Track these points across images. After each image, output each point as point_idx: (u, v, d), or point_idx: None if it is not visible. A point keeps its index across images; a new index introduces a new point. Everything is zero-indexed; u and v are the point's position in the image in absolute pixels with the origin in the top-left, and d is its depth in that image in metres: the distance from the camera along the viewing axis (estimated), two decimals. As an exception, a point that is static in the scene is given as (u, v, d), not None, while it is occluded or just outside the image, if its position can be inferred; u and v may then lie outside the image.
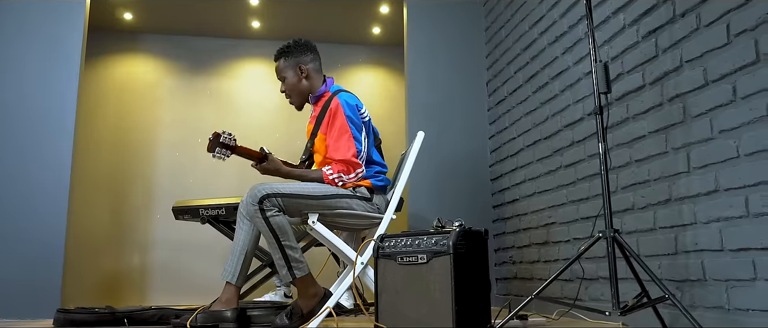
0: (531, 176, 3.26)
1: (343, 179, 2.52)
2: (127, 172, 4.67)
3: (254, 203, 2.35)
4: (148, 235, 4.61)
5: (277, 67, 2.76)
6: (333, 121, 2.58)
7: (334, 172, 2.51)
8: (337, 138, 2.54)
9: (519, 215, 3.40)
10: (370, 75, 5.12)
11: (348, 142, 2.53)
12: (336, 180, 2.50)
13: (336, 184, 2.51)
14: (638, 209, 2.31)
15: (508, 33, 3.61)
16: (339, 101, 2.60)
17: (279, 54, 2.76)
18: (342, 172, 2.51)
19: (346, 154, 2.52)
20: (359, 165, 2.54)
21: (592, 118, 2.66)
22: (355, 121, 2.58)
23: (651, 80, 2.25)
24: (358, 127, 2.59)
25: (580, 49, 2.79)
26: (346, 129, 2.54)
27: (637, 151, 2.32)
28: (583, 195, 2.72)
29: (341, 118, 2.56)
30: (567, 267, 1.89)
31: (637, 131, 2.33)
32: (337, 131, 2.55)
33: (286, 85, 2.74)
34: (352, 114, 2.59)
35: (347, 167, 2.52)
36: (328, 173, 2.51)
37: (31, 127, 3.34)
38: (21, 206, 3.24)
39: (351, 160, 2.51)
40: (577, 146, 2.78)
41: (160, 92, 4.81)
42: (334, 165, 2.53)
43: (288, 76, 2.72)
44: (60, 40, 3.46)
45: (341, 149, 2.53)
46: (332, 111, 2.59)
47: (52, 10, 3.48)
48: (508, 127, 3.57)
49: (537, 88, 3.21)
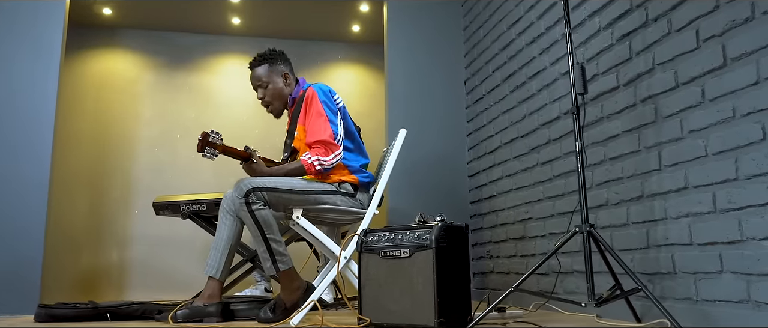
0: (508, 173, 3.34)
1: (321, 162, 2.54)
2: (107, 167, 4.66)
3: (241, 197, 2.39)
4: (127, 230, 4.61)
5: (258, 74, 2.76)
6: (309, 108, 2.63)
7: (312, 155, 2.55)
8: (314, 122, 2.61)
9: (496, 210, 3.48)
10: (350, 72, 5.17)
11: (324, 125, 2.58)
12: (315, 164, 2.54)
13: (315, 167, 2.54)
14: (612, 205, 2.40)
15: (487, 33, 3.69)
16: (313, 89, 2.67)
17: (261, 61, 2.78)
18: (320, 154, 2.55)
19: (322, 135, 2.56)
20: (337, 146, 2.59)
21: (568, 117, 2.75)
22: (329, 106, 2.64)
23: (625, 81, 2.34)
24: (333, 111, 2.65)
25: (556, 50, 2.87)
26: (321, 113, 2.60)
27: (611, 149, 2.42)
28: (559, 192, 2.81)
29: (316, 104, 2.62)
30: (545, 261, 1.97)
31: (611, 130, 2.42)
32: (313, 116, 2.62)
33: (269, 92, 2.75)
34: (326, 99, 2.65)
35: (325, 149, 2.56)
36: (307, 158, 2.55)
37: (10, 123, 3.33)
38: (0, 202, 3.23)
39: (327, 141, 2.56)
40: (554, 144, 2.87)
41: (139, 88, 4.80)
42: (311, 149, 2.58)
43: (274, 82, 2.75)
44: (40, 36, 3.44)
45: (318, 131, 2.58)
46: (308, 100, 2.65)
47: (31, 6, 3.46)
48: (486, 125, 3.65)
49: (514, 87, 3.29)
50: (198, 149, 2.48)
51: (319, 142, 2.55)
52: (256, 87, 2.78)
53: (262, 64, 2.77)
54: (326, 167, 2.55)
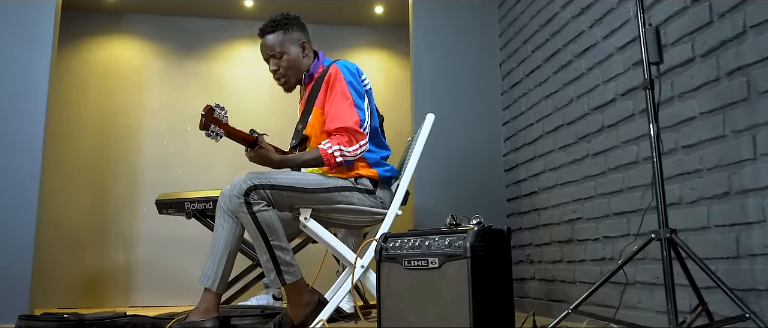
0: (552, 166, 2.92)
1: (343, 151, 2.16)
2: (111, 162, 4.35)
3: (240, 196, 2.02)
4: (133, 229, 4.29)
5: (271, 41, 2.36)
6: (332, 89, 2.24)
7: (334, 144, 2.16)
8: (337, 105, 2.21)
9: (537, 209, 3.06)
10: (373, 58, 4.78)
11: (350, 109, 2.19)
12: (336, 154, 2.15)
13: (335, 158, 2.15)
14: (687, 204, 1.96)
15: (525, 9, 3.26)
16: (337, 67, 2.27)
17: (275, 26, 2.38)
18: (342, 143, 2.16)
19: (346, 121, 2.17)
20: (363, 135, 2.20)
21: (626, 99, 2.32)
22: (356, 88, 2.25)
23: (703, 51, 1.90)
24: (359, 94, 2.25)
25: (611, 20, 2.44)
26: (347, 95, 2.21)
27: (684, 135, 1.98)
28: (616, 187, 2.38)
29: (341, 84, 2.23)
30: (613, 274, 1.56)
31: (684, 112, 1.98)
32: (336, 98, 2.22)
33: (286, 61, 2.35)
34: (353, 80, 2.26)
35: (349, 138, 2.17)
36: (327, 147, 2.16)
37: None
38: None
39: (353, 129, 2.17)
40: (608, 132, 2.44)
41: (145, 76, 4.48)
42: (332, 138, 2.19)
43: (289, 52, 2.35)
44: (31, 23, 3.14)
45: (342, 116, 2.19)
46: (331, 78, 2.26)
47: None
48: (525, 112, 3.22)
49: (558, 67, 2.86)
50: (201, 126, 2.07)
51: (342, 129, 2.16)
52: (268, 57, 2.38)
53: (275, 30, 2.37)
54: (349, 158, 2.16)
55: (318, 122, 2.26)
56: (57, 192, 4.16)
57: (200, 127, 2.01)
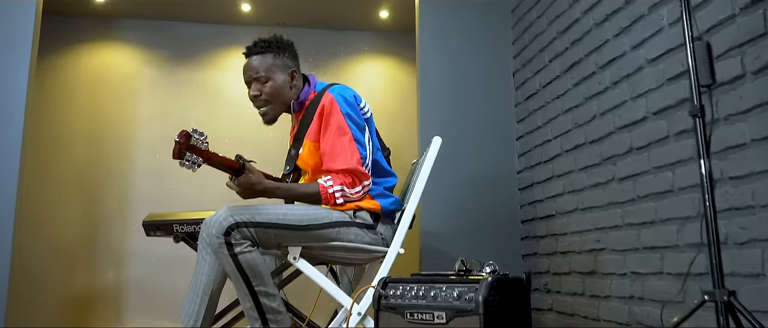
0: (572, 188, 2.64)
1: (346, 193, 1.90)
2: (102, 174, 4.10)
3: (219, 235, 1.76)
4: (125, 247, 4.04)
5: (256, 63, 2.07)
6: (327, 122, 1.96)
7: (336, 183, 1.90)
8: (335, 142, 1.93)
9: (555, 234, 2.79)
10: (378, 65, 4.51)
11: (350, 147, 1.92)
12: (337, 195, 1.89)
13: (336, 199, 1.89)
14: (736, 245, 1.69)
15: (541, 13, 2.99)
16: (332, 96, 1.98)
17: (265, 47, 2.10)
18: (346, 184, 1.90)
19: (349, 161, 1.90)
20: (367, 176, 1.94)
21: (658, 119, 2.05)
22: (355, 119, 1.97)
23: (756, 68, 1.62)
24: (359, 126, 1.97)
25: (640, 28, 2.16)
26: (345, 130, 1.93)
27: (733, 164, 1.71)
28: (646, 218, 2.10)
29: (337, 117, 1.94)
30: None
31: (733, 137, 1.71)
32: (333, 134, 1.94)
33: (270, 87, 2.07)
34: (350, 110, 1.97)
35: (353, 179, 1.91)
36: (328, 185, 1.90)
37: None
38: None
39: (356, 170, 1.91)
40: (638, 154, 2.17)
41: (138, 84, 4.23)
42: (334, 176, 1.92)
43: (275, 78, 2.07)
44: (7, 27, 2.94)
45: (342, 156, 1.91)
46: (325, 109, 1.97)
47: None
48: (542, 127, 2.95)
49: (580, 79, 2.59)
50: (175, 155, 1.80)
51: (345, 171, 1.89)
52: (250, 80, 2.10)
53: (264, 52, 2.09)
54: (351, 199, 1.91)
55: (311, 157, 1.99)
56: (45, 204, 3.93)
57: (174, 155, 1.74)
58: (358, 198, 1.91)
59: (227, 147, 4.19)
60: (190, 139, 1.74)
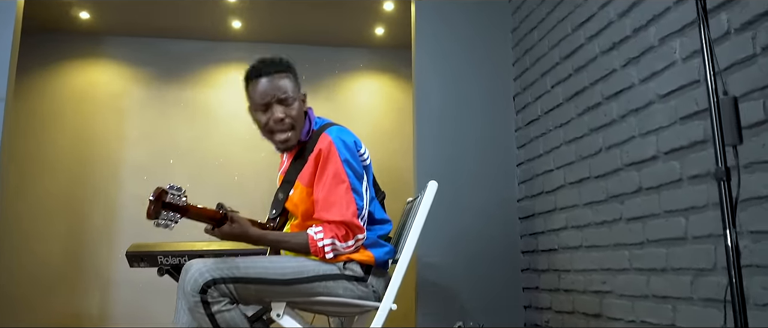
0: (576, 223, 2.51)
1: (337, 247, 1.74)
2: (87, 197, 3.97)
3: (194, 293, 1.61)
4: (111, 271, 3.91)
5: (283, 83, 1.84)
6: (324, 168, 1.78)
7: (327, 236, 1.73)
8: (331, 190, 1.75)
9: (558, 270, 2.65)
10: (373, 82, 4.38)
11: (346, 197, 1.74)
12: (327, 249, 1.73)
13: (326, 254, 1.74)
14: (757, 307, 1.55)
15: (543, 35, 2.85)
16: (331, 139, 1.80)
17: (286, 67, 1.88)
18: (338, 238, 1.73)
19: (344, 213, 1.73)
20: (361, 229, 1.77)
21: (670, 160, 1.91)
22: (353, 166, 1.79)
23: (781, 115, 1.49)
24: (357, 174, 1.80)
25: (650, 60, 2.03)
26: (343, 178, 1.76)
27: (754, 217, 1.57)
28: (657, 264, 1.96)
29: (336, 164, 1.76)
30: None
31: (754, 188, 1.57)
32: (329, 181, 1.76)
33: (297, 111, 1.85)
34: (349, 157, 1.79)
35: (347, 232, 1.74)
36: (318, 237, 1.74)
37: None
38: None
39: (351, 223, 1.74)
40: (647, 195, 2.03)
41: (125, 103, 4.10)
42: (327, 227, 1.75)
43: (297, 104, 1.86)
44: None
45: (337, 206, 1.74)
46: (322, 154, 1.79)
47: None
48: (543, 155, 2.81)
49: (584, 109, 2.45)
50: (149, 216, 1.63)
51: (339, 223, 1.73)
52: (274, 101, 1.84)
53: (286, 72, 1.88)
54: (341, 253, 1.75)
55: (303, 203, 1.82)
56: (29, 224, 3.81)
57: (148, 216, 1.58)
58: (350, 252, 1.76)
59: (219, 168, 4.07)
60: (166, 197, 1.57)
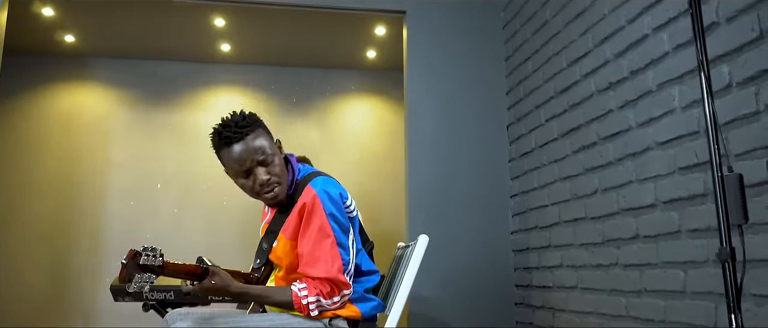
0: (571, 263, 2.45)
1: (322, 304, 1.67)
2: (72, 223, 3.88)
3: (173, 349, 1.55)
4: (95, 301, 3.82)
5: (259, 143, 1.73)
6: (308, 222, 1.70)
7: (312, 293, 1.65)
8: (315, 245, 1.68)
9: (552, 308, 2.59)
10: (365, 105, 4.32)
11: (331, 251, 1.67)
12: (311, 307, 1.66)
13: (310, 312, 1.67)
14: (761, 375, 1.50)
15: (537, 67, 2.80)
16: (315, 192, 1.72)
17: (252, 123, 1.76)
18: (322, 295, 1.65)
19: (329, 269, 1.65)
20: (347, 285, 1.70)
21: (669, 210, 1.85)
22: (339, 220, 1.72)
23: (786, 177, 1.44)
24: (343, 228, 1.73)
25: (647, 106, 1.98)
26: (328, 232, 1.68)
27: (758, 281, 1.51)
28: (655, 315, 1.91)
29: (321, 218, 1.68)
30: None
31: (760, 250, 1.52)
32: (314, 236, 1.68)
33: (279, 167, 1.76)
34: (335, 210, 1.71)
35: (332, 288, 1.67)
36: (302, 295, 1.66)
37: None
38: None
39: (336, 279, 1.66)
40: (644, 243, 1.97)
41: (111, 127, 4.02)
42: (311, 284, 1.68)
43: (277, 159, 1.77)
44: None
45: (322, 262, 1.66)
46: (306, 208, 1.71)
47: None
48: (537, 190, 2.76)
49: (579, 147, 2.40)
50: (121, 279, 1.53)
51: (324, 280, 1.66)
52: (255, 165, 1.73)
53: (255, 130, 1.75)
54: (327, 310, 1.68)
55: (287, 256, 1.75)
56: (11, 249, 3.71)
57: (120, 279, 1.49)
58: (336, 308, 1.69)
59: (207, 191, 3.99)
60: (138, 259, 1.49)
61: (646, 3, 1.99)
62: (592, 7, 2.33)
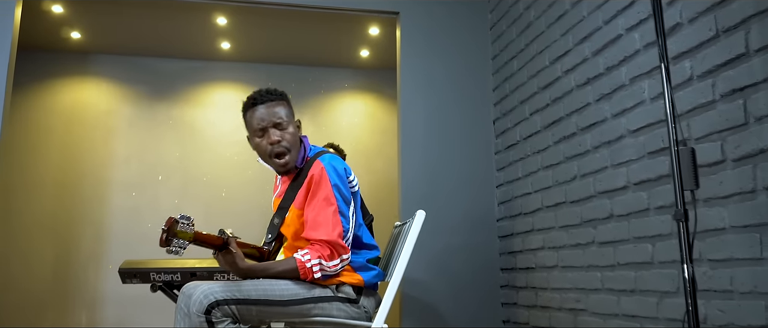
0: (552, 244, 2.67)
1: (324, 266, 1.88)
2: (75, 214, 4.03)
3: (200, 314, 1.73)
4: (98, 289, 3.97)
5: (278, 109, 2.01)
6: (315, 192, 1.94)
7: (314, 257, 1.87)
8: (319, 212, 1.91)
9: (535, 287, 2.81)
10: (358, 102, 4.51)
11: (333, 218, 1.90)
12: (315, 269, 1.87)
13: (314, 274, 1.87)
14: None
15: (522, 65, 3.02)
16: (323, 165, 1.96)
17: (281, 96, 2.05)
18: (323, 257, 1.87)
19: (330, 233, 1.88)
20: (346, 249, 1.92)
21: (639, 191, 2.08)
22: (342, 192, 1.95)
23: (737, 156, 1.66)
24: (345, 199, 1.96)
25: (621, 98, 2.20)
26: (332, 201, 1.91)
27: (713, 248, 1.74)
28: (626, 286, 2.13)
29: (326, 188, 1.92)
30: None
31: (711, 221, 1.74)
32: (319, 204, 1.91)
33: (290, 135, 2.00)
34: (339, 182, 1.95)
35: (331, 251, 1.89)
36: (305, 259, 1.87)
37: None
38: None
39: (336, 242, 1.88)
40: (618, 221, 2.19)
41: (114, 121, 4.18)
42: (312, 248, 1.89)
43: (293, 127, 2.03)
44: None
45: (323, 227, 1.89)
46: (314, 179, 1.95)
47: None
48: (522, 179, 2.98)
49: (560, 137, 2.62)
50: (161, 244, 1.74)
51: (324, 241, 1.87)
52: (271, 126, 1.99)
53: (281, 100, 2.05)
54: (328, 273, 1.89)
55: (295, 223, 1.97)
56: (14, 247, 3.84)
57: (160, 244, 1.70)
58: (336, 271, 1.90)
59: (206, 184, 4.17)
60: (176, 226, 1.70)
61: (620, 6, 2.22)
62: (572, 9, 2.55)
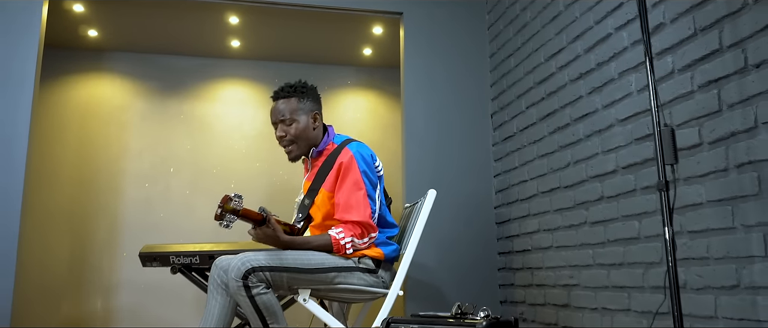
0: (547, 227, 2.89)
1: (355, 243, 2.13)
2: (90, 205, 4.21)
3: (238, 279, 1.95)
4: (113, 276, 4.15)
5: (282, 107, 2.28)
6: (344, 176, 2.18)
7: (347, 235, 2.12)
8: (350, 195, 2.15)
9: (531, 268, 3.03)
10: (361, 99, 4.73)
11: (364, 201, 2.15)
12: (347, 246, 2.12)
13: (346, 249, 2.12)
14: (693, 290, 1.95)
15: (519, 63, 3.25)
16: (352, 153, 2.21)
17: (290, 92, 2.31)
18: (355, 236, 2.13)
19: (362, 214, 2.13)
20: (374, 228, 2.18)
21: (627, 173, 2.31)
22: (370, 177, 2.21)
23: (712, 139, 1.89)
24: (373, 183, 2.21)
25: (611, 90, 2.43)
26: (361, 185, 2.16)
27: (691, 220, 1.97)
28: (616, 260, 2.36)
29: (355, 173, 2.17)
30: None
31: (690, 197, 1.97)
32: (349, 188, 2.16)
33: (295, 129, 2.28)
34: (367, 168, 2.21)
35: (362, 230, 2.15)
36: (340, 237, 2.11)
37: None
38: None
39: (367, 223, 2.14)
40: (608, 202, 2.42)
41: (127, 116, 4.36)
42: (346, 227, 2.13)
43: (299, 120, 2.28)
44: (11, 61, 3.04)
45: (356, 209, 2.14)
46: (344, 164, 2.19)
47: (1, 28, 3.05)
48: (519, 168, 3.20)
49: (555, 128, 2.85)
50: (217, 217, 1.94)
51: (356, 223, 2.12)
52: (277, 122, 2.30)
53: (289, 96, 2.30)
54: (359, 249, 2.14)
55: (325, 205, 2.20)
56: (32, 239, 4.02)
57: (215, 217, 1.91)
58: (364, 247, 2.13)
59: (216, 176, 4.36)
60: (230, 202, 1.90)
61: (609, 7, 2.45)
62: (566, 11, 2.78)
